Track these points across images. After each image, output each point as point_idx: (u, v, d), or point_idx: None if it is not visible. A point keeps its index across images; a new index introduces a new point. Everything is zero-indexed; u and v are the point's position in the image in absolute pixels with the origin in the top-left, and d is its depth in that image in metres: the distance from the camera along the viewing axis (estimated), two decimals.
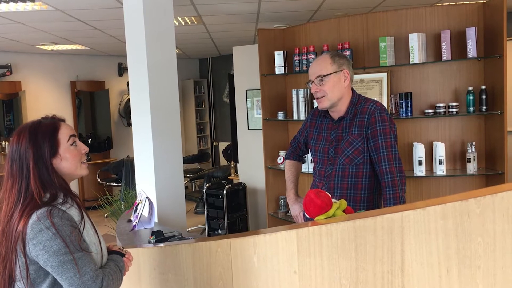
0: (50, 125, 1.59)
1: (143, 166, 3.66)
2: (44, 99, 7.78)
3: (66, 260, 1.45)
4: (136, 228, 3.01)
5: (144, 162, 3.63)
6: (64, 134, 1.61)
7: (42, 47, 6.92)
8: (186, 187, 8.54)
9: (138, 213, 3.03)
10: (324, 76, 2.26)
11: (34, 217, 1.47)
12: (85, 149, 1.67)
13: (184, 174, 8.04)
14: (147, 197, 3.06)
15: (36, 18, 4.85)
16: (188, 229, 6.46)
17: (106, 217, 5.40)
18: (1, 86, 7.25)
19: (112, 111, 8.64)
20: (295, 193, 2.55)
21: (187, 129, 9.94)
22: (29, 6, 4.29)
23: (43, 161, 1.54)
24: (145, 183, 3.63)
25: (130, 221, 3.18)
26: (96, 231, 1.61)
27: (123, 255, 1.71)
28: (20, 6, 4.28)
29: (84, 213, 1.58)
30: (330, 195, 1.73)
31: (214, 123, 10.09)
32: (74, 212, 1.54)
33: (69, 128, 1.64)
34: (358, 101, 2.31)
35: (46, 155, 1.55)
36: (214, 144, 10.08)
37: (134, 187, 3.86)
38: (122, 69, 8.43)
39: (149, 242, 2.56)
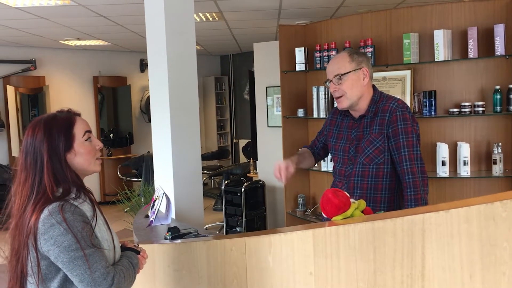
0: (66, 119, 1.58)
1: (162, 162, 3.65)
2: (67, 94, 7.88)
3: (77, 256, 1.43)
4: (153, 224, 3.01)
5: (163, 158, 3.63)
6: (79, 129, 1.59)
7: (66, 42, 7.00)
8: (205, 184, 8.58)
9: (155, 209, 3.03)
10: (342, 74, 2.20)
11: (46, 212, 1.45)
12: (99, 145, 1.65)
13: (203, 171, 8.12)
14: (164, 193, 3.05)
15: (59, 13, 4.90)
16: (206, 226, 6.47)
17: (126, 212, 5.43)
18: (25, 81, 7.37)
19: (133, 107, 8.71)
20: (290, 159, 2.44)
21: (207, 126, 9.95)
22: (52, 1, 4.33)
23: (57, 155, 1.52)
24: (163, 179, 3.62)
25: (147, 216, 3.17)
26: (109, 227, 1.59)
27: (138, 252, 1.69)
28: (44, 1, 4.32)
29: (97, 209, 1.56)
30: (348, 195, 1.68)
31: (235, 120, 10.08)
32: (86, 208, 1.52)
33: (85, 123, 1.63)
34: (379, 99, 2.25)
35: (60, 149, 1.53)
36: (234, 141, 10.07)
37: (153, 182, 3.86)
38: (144, 65, 8.48)
39: (165, 239, 2.54)
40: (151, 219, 3.03)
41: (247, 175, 5.99)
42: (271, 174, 5.04)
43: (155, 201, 3.12)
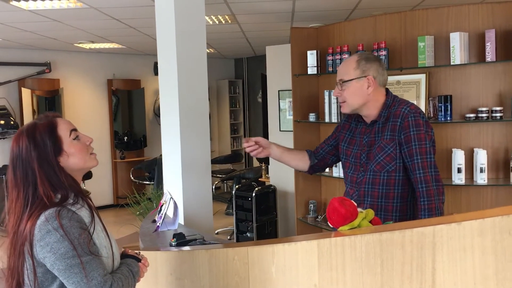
0: (47, 124, 1.53)
1: (171, 166, 3.62)
2: (82, 96, 7.93)
3: (73, 264, 1.39)
4: (159, 229, 2.96)
5: (172, 162, 3.60)
6: (64, 129, 1.54)
7: (80, 45, 7.04)
8: (218, 188, 8.53)
9: (162, 214, 2.98)
10: (344, 81, 2.15)
11: (42, 217, 1.41)
12: (89, 140, 1.61)
13: (216, 174, 8.07)
14: (171, 197, 3.01)
15: (72, 16, 4.91)
16: (217, 231, 6.43)
17: (138, 215, 5.43)
18: (40, 83, 7.43)
19: (147, 110, 8.73)
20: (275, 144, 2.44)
21: (220, 129, 9.92)
22: (64, 3, 4.34)
23: (48, 162, 1.48)
24: (173, 183, 3.59)
25: (154, 221, 3.13)
26: (107, 234, 1.54)
27: (139, 260, 1.64)
28: (56, 4, 4.33)
29: (95, 214, 1.52)
30: (355, 204, 1.61)
31: (248, 124, 10.04)
32: (84, 213, 1.48)
33: (68, 122, 1.58)
34: (392, 103, 2.16)
35: (50, 154, 1.49)
36: None
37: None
38: (157, 68, 8.48)
39: (170, 245, 2.49)
40: (157, 224, 2.98)
41: (259, 179, 5.93)
42: (283, 179, 5.03)
43: (162, 205, 3.08)
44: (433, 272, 1.27)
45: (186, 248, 2.23)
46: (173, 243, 2.47)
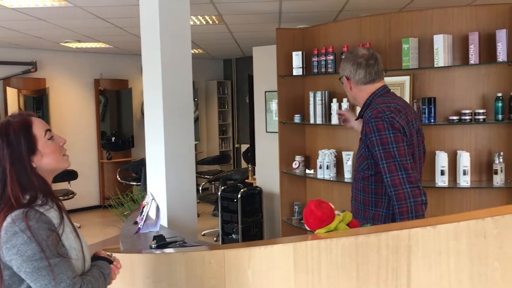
0: (22, 122, 1.50)
1: (155, 167, 3.59)
2: (68, 96, 7.85)
3: (41, 266, 1.35)
4: (141, 231, 2.93)
5: (156, 163, 3.57)
6: (39, 129, 1.51)
7: (66, 44, 6.97)
8: (206, 189, 8.49)
9: (143, 216, 2.95)
10: (339, 79, 2.33)
11: (8, 219, 1.38)
12: (63, 141, 1.58)
13: (203, 175, 8.01)
14: (153, 199, 2.97)
15: (57, 15, 4.86)
16: (204, 232, 6.40)
17: (124, 216, 5.37)
18: (26, 83, 7.35)
19: (135, 110, 8.66)
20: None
21: (209, 130, 9.89)
22: (48, 2, 4.28)
23: (21, 161, 1.45)
24: (156, 184, 3.56)
25: (136, 223, 3.09)
26: (78, 235, 1.51)
27: (111, 262, 1.61)
28: (39, 2, 4.28)
29: (65, 216, 1.48)
30: (333, 207, 1.59)
31: (237, 125, 10.01)
32: (53, 215, 1.44)
33: (42, 122, 1.55)
34: (370, 104, 2.18)
35: (24, 153, 1.45)
36: (236, 146, 10.00)
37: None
38: None
39: (150, 247, 2.46)
40: (139, 226, 2.95)
41: (246, 180, 5.90)
42: (269, 180, 5.01)
43: (144, 207, 3.04)
44: (408, 275, 1.26)
45: (164, 250, 2.19)
46: (153, 245, 2.44)
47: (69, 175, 6.76)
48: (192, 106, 3.77)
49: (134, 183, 7.56)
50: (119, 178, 7.69)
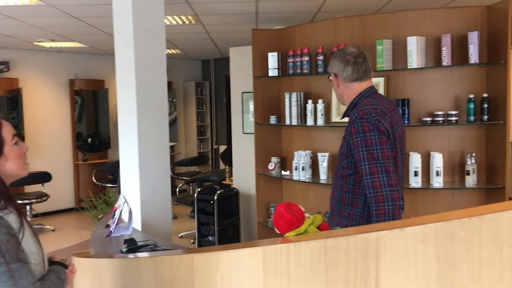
0: None
1: (128, 169, 3.53)
2: (42, 96, 7.69)
3: (1, 272, 1.31)
4: (112, 235, 2.87)
5: (129, 165, 3.51)
6: (7, 132, 1.47)
7: (40, 44, 6.82)
8: (184, 190, 8.41)
9: (115, 219, 2.89)
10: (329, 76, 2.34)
11: None
12: (26, 148, 1.54)
13: (181, 177, 7.93)
14: (125, 201, 2.91)
15: (28, 13, 4.75)
16: (181, 234, 6.34)
17: (99, 219, 5.28)
18: None
19: (111, 111, 8.53)
20: None
21: (187, 131, 9.81)
22: (18, 0, 4.17)
23: None
24: (130, 187, 3.50)
25: (108, 226, 3.03)
26: (37, 240, 1.47)
27: (66, 266, 1.57)
28: (9, 0, 4.17)
29: (24, 220, 1.44)
30: (303, 209, 1.57)
31: (215, 126, 9.96)
32: (12, 219, 1.40)
33: (11, 126, 1.51)
34: (357, 105, 2.18)
35: None
36: (215, 147, 9.94)
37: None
38: None
39: (121, 251, 2.41)
40: (111, 229, 2.89)
41: (223, 182, 5.86)
42: (246, 182, 4.98)
43: (116, 210, 2.98)
44: (376, 278, 1.24)
45: (132, 255, 2.15)
46: (124, 249, 2.39)
47: (43, 177, 6.62)
48: (167, 106, 3.73)
49: (110, 185, 7.44)
50: (94, 180, 7.57)
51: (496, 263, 1.13)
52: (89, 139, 8.28)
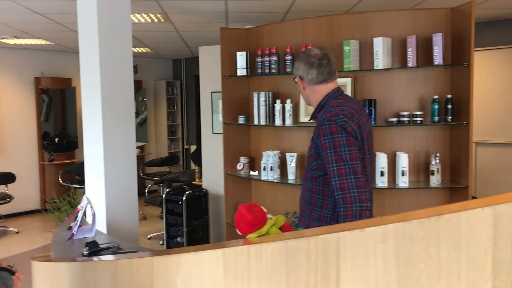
0: None
1: (93, 170, 3.44)
2: (6, 95, 7.46)
3: None
4: (74, 237, 2.79)
5: (94, 165, 3.43)
6: None
7: (3, 40, 6.61)
8: (154, 191, 8.30)
9: (77, 221, 2.81)
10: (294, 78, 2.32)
11: None
12: None
13: (151, 177, 7.82)
14: (87, 203, 2.84)
15: None
16: (150, 235, 6.25)
17: (63, 220, 5.14)
18: None
19: (79, 110, 8.34)
20: None
21: (158, 131, 9.69)
22: None
23: None
24: (95, 188, 3.42)
25: (70, 228, 2.95)
26: None
27: (13, 273, 1.51)
28: None
29: None
30: (265, 210, 1.55)
31: (186, 126, 9.87)
32: None
33: None
34: (323, 106, 2.17)
35: None
36: (186, 147, 9.85)
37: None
38: None
39: (82, 254, 2.34)
40: (73, 231, 2.81)
41: (193, 182, 5.80)
42: (216, 182, 4.94)
43: (79, 212, 2.90)
44: (337, 280, 1.23)
45: (92, 258, 2.09)
46: (85, 252, 2.32)
47: (6, 178, 6.42)
48: (134, 105, 3.66)
49: (78, 186, 7.27)
50: (61, 181, 7.38)
51: (454, 263, 1.13)
52: (57, 139, 8.08)
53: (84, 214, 2.92)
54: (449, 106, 3.29)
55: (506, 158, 5.51)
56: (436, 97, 3.32)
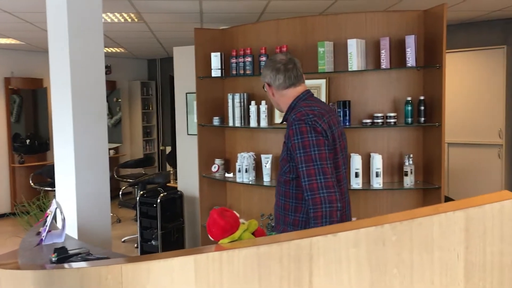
0: None
1: (63, 173, 3.36)
2: None
3: None
4: (43, 243, 2.70)
5: (65, 168, 3.35)
6: None
7: None
8: (129, 193, 8.17)
9: (46, 226, 2.72)
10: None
11: None
12: None
13: (125, 179, 7.70)
14: (57, 207, 2.75)
15: None
16: (124, 238, 6.15)
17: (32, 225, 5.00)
18: None
19: (50, 111, 8.14)
20: None
21: (132, 132, 9.55)
22: None
23: None
24: (66, 191, 3.34)
25: (39, 234, 2.85)
26: None
27: None
28: None
29: None
30: (238, 215, 1.52)
31: (162, 127, 9.76)
32: None
33: None
34: (294, 108, 2.18)
35: None
36: (161, 148, 9.74)
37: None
38: None
39: (51, 261, 2.26)
40: (41, 237, 2.72)
41: (168, 184, 5.73)
42: (191, 184, 4.88)
43: (48, 216, 2.81)
44: (310, 285, 1.22)
45: (59, 266, 2.02)
46: (53, 259, 2.25)
47: None
48: (106, 106, 3.59)
49: (49, 189, 7.11)
50: (32, 184, 7.21)
51: (427, 267, 1.13)
52: (28, 140, 7.89)
53: (54, 218, 2.84)
54: (422, 108, 3.32)
55: (477, 158, 5.61)
56: (409, 98, 3.35)
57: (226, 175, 4.06)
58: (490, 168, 5.51)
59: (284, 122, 2.26)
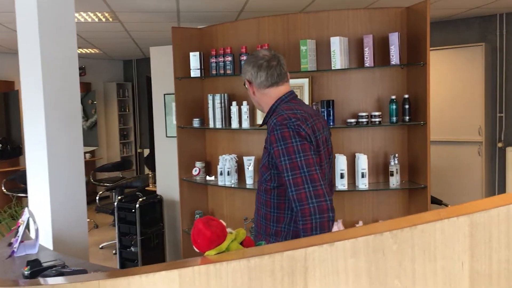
0: None
1: (36, 179, 3.21)
2: None
3: None
4: (15, 254, 2.55)
5: (37, 174, 3.19)
6: None
7: None
8: (106, 197, 7.98)
9: (18, 236, 2.57)
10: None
11: None
12: None
13: (102, 183, 7.50)
14: (29, 216, 2.60)
15: None
16: (102, 245, 5.97)
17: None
18: None
19: (23, 114, 7.91)
20: None
21: (109, 134, 9.34)
22: None
23: None
24: (39, 199, 3.19)
25: (10, 245, 2.70)
26: None
27: None
28: None
29: None
30: (224, 224, 1.42)
31: (139, 129, 9.57)
32: None
33: None
34: (275, 111, 2.02)
35: None
36: (139, 151, 9.55)
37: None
38: None
39: (23, 275, 2.12)
40: (13, 248, 2.56)
41: (146, 188, 5.58)
42: (170, 188, 4.75)
43: (20, 226, 2.66)
44: None
45: (32, 281, 1.88)
46: (26, 273, 2.11)
47: None
48: (80, 109, 3.45)
49: (23, 195, 6.88)
50: (4, 190, 6.97)
51: (430, 277, 1.05)
52: (0, 145, 7.64)
53: (27, 228, 2.69)
54: (407, 106, 3.27)
55: (457, 156, 5.63)
56: (393, 97, 3.29)
57: (208, 178, 3.95)
58: (470, 166, 5.53)
59: (265, 126, 2.08)
